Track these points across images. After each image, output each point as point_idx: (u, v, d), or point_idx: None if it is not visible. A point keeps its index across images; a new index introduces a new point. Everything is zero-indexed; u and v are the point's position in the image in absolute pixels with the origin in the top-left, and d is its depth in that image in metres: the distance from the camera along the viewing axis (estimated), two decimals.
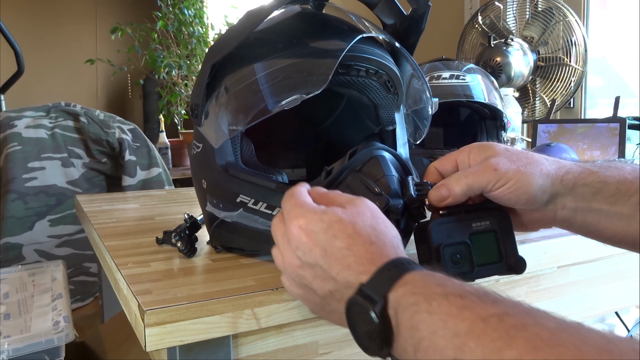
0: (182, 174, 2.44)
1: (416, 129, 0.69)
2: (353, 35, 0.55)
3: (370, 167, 0.53)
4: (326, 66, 0.53)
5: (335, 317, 0.45)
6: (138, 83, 3.73)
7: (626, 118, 1.22)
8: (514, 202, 0.51)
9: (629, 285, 0.84)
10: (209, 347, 0.51)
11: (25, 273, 1.12)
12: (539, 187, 0.50)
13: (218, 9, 3.49)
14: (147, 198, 1.18)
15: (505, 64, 1.51)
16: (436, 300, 0.36)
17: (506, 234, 0.53)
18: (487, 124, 1.08)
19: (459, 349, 0.33)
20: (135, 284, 0.54)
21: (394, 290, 0.38)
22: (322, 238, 0.42)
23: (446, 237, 0.50)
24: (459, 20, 2.00)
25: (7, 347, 0.76)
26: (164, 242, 0.68)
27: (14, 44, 2.41)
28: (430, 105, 0.65)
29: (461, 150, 0.55)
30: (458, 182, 0.51)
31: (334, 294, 0.43)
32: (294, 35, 0.57)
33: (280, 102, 0.52)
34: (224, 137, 0.58)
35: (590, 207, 0.51)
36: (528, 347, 0.30)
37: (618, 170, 0.51)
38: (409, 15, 0.61)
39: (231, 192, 0.58)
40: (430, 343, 0.35)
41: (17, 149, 1.62)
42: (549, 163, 0.52)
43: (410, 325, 0.37)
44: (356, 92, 0.65)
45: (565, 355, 0.29)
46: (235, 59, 0.57)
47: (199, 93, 0.59)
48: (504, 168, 0.50)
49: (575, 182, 0.51)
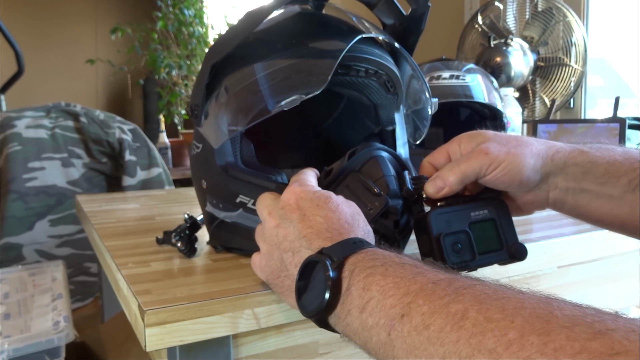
0: (182, 174, 2.44)
1: (416, 129, 0.69)
2: (352, 35, 0.55)
3: (369, 168, 0.53)
4: (325, 67, 0.53)
5: (287, 283, 0.45)
6: (138, 83, 3.73)
7: (626, 118, 1.22)
8: (508, 184, 0.51)
9: (629, 285, 0.84)
10: (209, 347, 0.51)
11: (25, 273, 1.12)
12: (530, 167, 0.51)
13: (218, 9, 3.49)
14: (147, 198, 1.18)
15: (505, 64, 1.51)
16: (392, 267, 0.38)
17: (505, 222, 0.53)
18: (487, 124, 1.08)
19: (407, 306, 0.34)
20: (135, 284, 0.54)
21: (353, 255, 0.40)
22: (307, 205, 0.45)
23: (446, 227, 0.50)
24: (459, 20, 2.00)
25: (7, 347, 0.76)
26: (164, 242, 0.68)
27: (14, 44, 2.41)
28: (429, 106, 0.65)
29: (452, 142, 0.56)
30: (452, 171, 0.51)
31: (295, 256, 0.44)
32: (293, 35, 0.57)
33: (280, 103, 0.52)
34: (224, 138, 0.58)
35: (581, 187, 0.51)
36: (473, 301, 0.32)
37: (608, 151, 0.52)
38: (409, 16, 0.61)
39: (231, 193, 0.58)
40: (378, 302, 0.36)
41: (17, 149, 1.62)
42: (539, 143, 0.53)
43: (362, 286, 0.37)
44: (356, 93, 0.65)
45: (507, 305, 0.30)
46: (235, 60, 0.57)
47: (199, 93, 0.59)
48: (495, 151, 0.51)
49: (566, 161, 0.51)
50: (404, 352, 0.33)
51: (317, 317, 0.40)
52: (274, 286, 0.48)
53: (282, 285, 0.46)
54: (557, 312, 0.28)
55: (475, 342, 0.29)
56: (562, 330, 0.27)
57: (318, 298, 0.39)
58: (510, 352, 0.27)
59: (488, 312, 0.30)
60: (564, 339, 0.26)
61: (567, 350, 0.25)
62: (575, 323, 0.27)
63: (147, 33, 3.04)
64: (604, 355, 0.24)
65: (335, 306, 0.39)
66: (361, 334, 0.37)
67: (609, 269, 0.82)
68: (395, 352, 0.34)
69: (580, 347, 0.25)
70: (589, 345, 0.25)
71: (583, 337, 0.26)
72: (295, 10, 0.62)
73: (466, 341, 0.30)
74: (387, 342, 0.34)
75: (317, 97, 0.52)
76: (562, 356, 0.25)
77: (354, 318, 0.37)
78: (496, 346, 0.28)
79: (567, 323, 0.27)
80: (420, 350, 0.32)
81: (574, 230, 0.75)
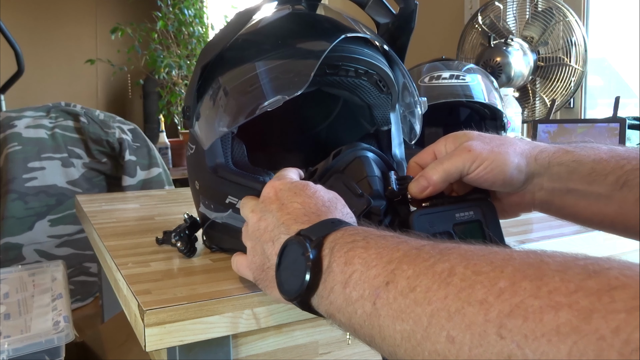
0: (182, 174, 2.44)
1: (411, 129, 0.69)
2: (339, 35, 0.54)
3: (353, 168, 0.52)
4: (308, 67, 0.52)
5: (270, 274, 0.44)
6: (138, 83, 3.74)
7: (626, 118, 1.22)
8: (491, 182, 0.51)
9: None
10: (208, 347, 0.51)
11: (25, 273, 1.12)
12: (514, 166, 0.50)
13: (218, 9, 3.49)
14: (147, 198, 1.18)
15: (505, 64, 1.51)
16: (373, 239, 0.37)
17: (492, 224, 0.52)
18: (487, 124, 1.08)
19: (391, 273, 0.33)
20: (135, 284, 0.54)
21: (332, 233, 0.39)
22: (285, 195, 0.46)
23: (428, 228, 0.49)
24: (459, 20, 2.00)
25: (7, 347, 0.76)
26: (163, 242, 0.68)
27: (14, 44, 2.41)
28: (419, 105, 0.65)
29: (437, 142, 0.56)
30: (435, 169, 0.51)
31: (275, 244, 0.43)
32: (281, 36, 0.57)
33: (263, 104, 0.52)
34: (212, 139, 0.58)
35: (567, 187, 0.51)
36: (460, 258, 0.31)
37: (594, 149, 0.51)
38: (399, 14, 0.61)
39: (220, 193, 0.59)
40: (362, 274, 0.35)
41: (17, 149, 1.62)
42: (522, 143, 0.53)
43: (344, 261, 0.37)
44: (347, 93, 0.65)
45: (495, 258, 0.30)
46: (224, 61, 0.58)
47: (191, 95, 0.59)
48: (478, 149, 0.50)
49: (550, 160, 0.51)
50: (390, 318, 0.32)
51: (299, 299, 0.39)
52: (260, 281, 0.47)
53: (266, 278, 0.45)
54: (548, 259, 0.28)
55: (465, 295, 0.28)
56: (555, 274, 0.26)
57: (299, 279, 0.38)
58: (502, 299, 0.27)
59: (476, 266, 0.30)
60: (558, 281, 0.26)
61: (562, 290, 0.25)
62: (568, 267, 0.26)
63: (147, 33, 3.05)
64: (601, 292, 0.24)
65: (318, 286, 0.38)
66: (345, 310, 0.36)
67: None
68: (382, 320, 0.33)
69: (575, 287, 0.25)
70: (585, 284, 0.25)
71: (578, 278, 0.25)
72: (286, 10, 0.62)
73: (455, 296, 0.29)
74: (373, 312, 0.33)
75: (315, 98, 0.52)
76: (557, 297, 0.25)
77: (337, 295, 0.37)
78: (487, 296, 0.27)
79: (560, 267, 0.27)
80: (407, 314, 0.31)
81: (574, 230, 0.75)
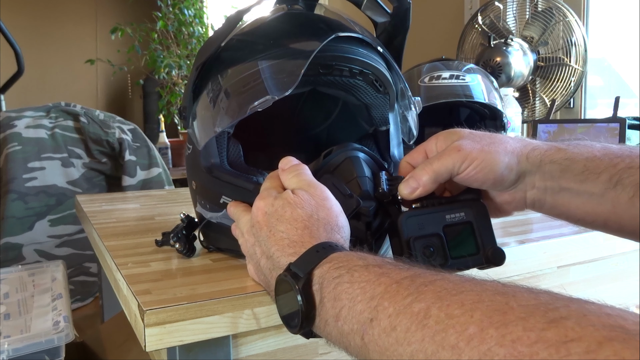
0: (182, 174, 2.44)
1: (409, 129, 0.69)
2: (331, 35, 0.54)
3: (343, 168, 0.52)
4: (298, 66, 0.52)
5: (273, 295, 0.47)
6: (138, 83, 3.74)
7: (626, 118, 1.22)
8: (482, 181, 0.51)
9: (629, 285, 0.84)
10: (208, 347, 0.51)
11: (25, 273, 1.12)
12: (504, 164, 0.50)
13: (218, 9, 3.49)
14: (147, 198, 1.18)
15: (505, 64, 1.51)
16: (357, 272, 0.39)
17: (483, 225, 0.51)
18: (487, 124, 1.08)
19: (374, 309, 0.36)
20: (135, 284, 0.54)
21: (319, 267, 0.41)
22: (271, 221, 0.47)
23: (417, 230, 0.49)
24: (459, 20, 2.00)
25: (7, 347, 0.76)
26: (162, 244, 0.68)
27: (14, 44, 2.41)
28: (413, 105, 0.65)
29: (428, 140, 0.55)
30: (425, 170, 0.51)
31: (272, 272, 0.46)
32: (274, 36, 0.57)
33: (252, 104, 0.52)
34: (206, 139, 0.58)
35: (559, 186, 0.50)
36: (434, 298, 0.33)
37: (587, 147, 0.50)
38: (393, 14, 0.61)
39: (215, 193, 0.59)
40: (350, 310, 0.38)
41: (17, 149, 1.62)
42: (514, 141, 0.52)
43: (333, 296, 0.39)
44: (343, 93, 0.64)
45: (466, 299, 0.32)
46: (218, 62, 0.58)
47: (187, 95, 0.60)
48: (467, 148, 0.50)
49: (542, 159, 0.50)
50: (377, 354, 0.35)
51: (301, 332, 0.42)
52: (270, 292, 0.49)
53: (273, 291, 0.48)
54: (513, 302, 0.30)
55: (439, 339, 0.31)
56: (519, 322, 0.28)
57: (295, 316, 0.41)
58: (472, 346, 0.29)
59: (449, 308, 0.32)
60: (521, 330, 0.28)
61: (524, 340, 0.27)
62: (530, 313, 0.28)
63: (147, 33, 3.05)
64: (558, 343, 0.26)
65: (314, 319, 0.41)
66: (341, 341, 0.39)
67: (609, 269, 0.82)
68: (371, 354, 0.36)
69: (536, 337, 0.27)
70: (544, 334, 0.27)
71: (538, 327, 0.27)
72: (282, 10, 0.62)
73: (430, 339, 0.31)
74: (362, 346, 0.36)
75: (314, 99, 0.52)
76: (519, 347, 0.27)
77: (331, 327, 0.39)
78: (458, 341, 0.30)
79: (523, 314, 0.29)
80: (391, 352, 0.34)
81: (574, 230, 0.75)
